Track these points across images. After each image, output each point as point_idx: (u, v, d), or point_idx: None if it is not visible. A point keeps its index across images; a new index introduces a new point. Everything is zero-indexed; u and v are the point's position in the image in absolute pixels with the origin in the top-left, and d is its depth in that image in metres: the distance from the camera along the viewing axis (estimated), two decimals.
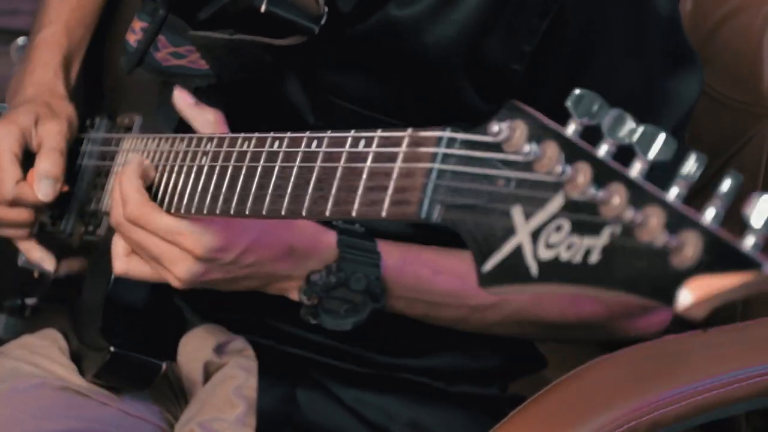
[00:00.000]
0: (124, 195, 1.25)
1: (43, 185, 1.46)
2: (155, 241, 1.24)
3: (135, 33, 1.43)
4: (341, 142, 1.01)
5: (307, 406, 1.49)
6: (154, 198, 1.27)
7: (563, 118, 1.27)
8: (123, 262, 1.31)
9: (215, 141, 1.20)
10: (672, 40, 1.34)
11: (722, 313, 1.57)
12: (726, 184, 0.75)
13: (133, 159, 1.29)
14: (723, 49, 1.68)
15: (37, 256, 1.53)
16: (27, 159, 1.50)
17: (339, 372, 1.50)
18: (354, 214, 0.96)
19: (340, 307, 1.29)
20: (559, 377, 1.32)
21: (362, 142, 0.98)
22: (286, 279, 1.30)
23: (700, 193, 1.68)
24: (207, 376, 1.51)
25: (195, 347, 1.52)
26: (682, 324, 0.98)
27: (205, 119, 1.30)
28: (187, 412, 1.50)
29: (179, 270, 1.24)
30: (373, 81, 1.34)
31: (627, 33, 1.29)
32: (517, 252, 0.81)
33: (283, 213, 1.06)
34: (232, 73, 1.36)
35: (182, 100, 1.32)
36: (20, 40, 1.72)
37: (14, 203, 1.48)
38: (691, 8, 1.74)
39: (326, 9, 1.29)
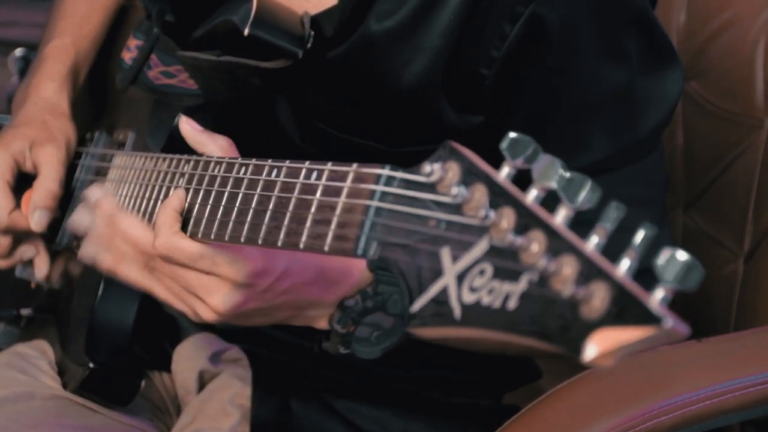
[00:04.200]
0: (157, 227, 1.17)
1: (37, 216, 1.47)
2: (188, 273, 1.16)
3: (130, 51, 1.45)
4: (296, 173, 1.02)
5: (301, 415, 1.50)
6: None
7: (545, 128, 1.28)
8: None
9: (191, 163, 1.21)
10: (647, 37, 1.32)
11: (717, 323, 1.58)
12: (640, 235, 0.75)
13: (177, 194, 1.21)
14: (716, 60, 1.67)
15: (44, 264, 1.55)
16: (22, 180, 1.51)
17: (334, 382, 1.51)
18: (302, 246, 0.97)
19: (370, 334, 1.21)
20: (554, 387, 1.33)
21: (314, 174, 0.99)
22: (316, 306, 1.23)
23: (696, 201, 1.68)
24: (201, 384, 1.53)
25: (190, 356, 1.54)
26: None
27: (218, 145, 1.23)
28: (180, 420, 1.52)
29: (216, 300, 1.15)
30: (351, 105, 1.34)
31: (600, 35, 1.27)
32: (443, 294, 0.81)
33: (242, 240, 1.06)
34: (220, 94, 1.36)
35: (189, 126, 1.25)
36: (18, 51, 1.74)
37: (6, 232, 1.49)
38: (684, 20, 1.73)
39: (312, 33, 1.29)
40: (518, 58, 1.26)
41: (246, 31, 1.26)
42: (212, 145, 1.23)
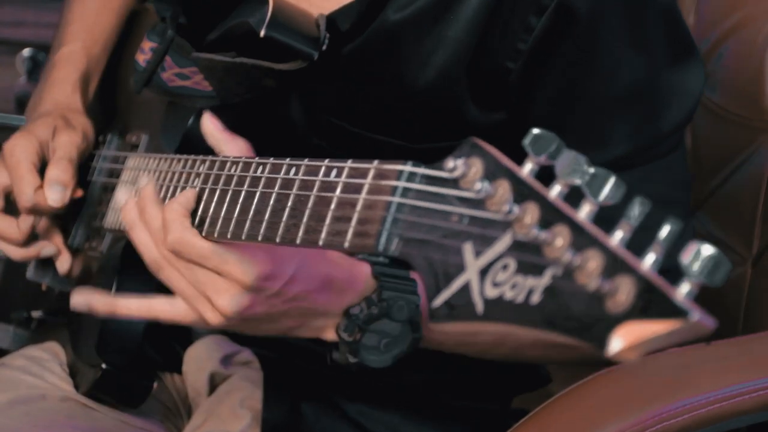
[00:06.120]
0: (166, 223, 1.17)
1: (53, 192, 1.46)
2: (198, 271, 1.16)
3: (144, 53, 1.45)
4: (316, 171, 1.02)
5: (312, 418, 1.49)
6: None
7: (567, 121, 1.28)
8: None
9: (207, 163, 1.21)
10: (673, 31, 1.32)
11: (724, 327, 1.58)
12: (665, 230, 0.75)
13: (186, 194, 1.20)
14: (725, 63, 1.67)
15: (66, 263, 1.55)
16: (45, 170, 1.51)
17: (344, 385, 1.51)
18: (321, 243, 0.97)
19: (378, 342, 1.20)
20: (563, 390, 1.32)
21: (334, 172, 1.00)
22: (323, 316, 1.22)
23: (704, 204, 1.68)
24: (212, 387, 1.53)
25: (201, 358, 1.54)
26: None
27: (237, 147, 1.22)
28: (191, 422, 1.52)
29: (224, 301, 1.15)
30: (369, 100, 1.34)
31: (628, 26, 1.28)
32: (465, 289, 0.82)
33: (260, 239, 1.07)
34: (234, 95, 1.37)
35: (211, 125, 1.24)
36: (26, 51, 1.75)
37: (33, 210, 1.49)
38: (693, 23, 1.74)
39: (327, 35, 1.30)
40: (544, 49, 1.26)
41: (262, 33, 1.27)
42: (231, 145, 1.22)
